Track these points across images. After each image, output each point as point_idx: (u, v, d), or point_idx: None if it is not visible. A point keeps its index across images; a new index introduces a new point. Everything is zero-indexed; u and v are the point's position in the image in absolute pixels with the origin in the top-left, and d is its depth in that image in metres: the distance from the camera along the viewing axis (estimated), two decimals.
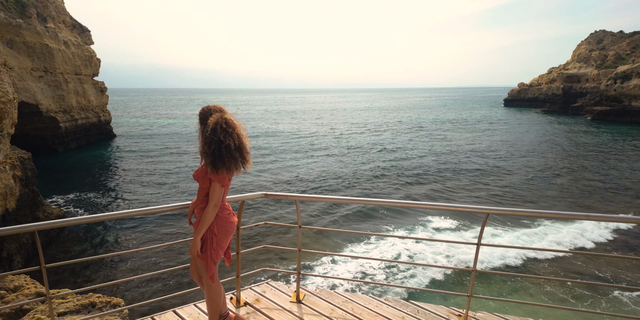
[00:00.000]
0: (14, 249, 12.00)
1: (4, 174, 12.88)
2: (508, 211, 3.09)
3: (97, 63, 38.51)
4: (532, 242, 14.00)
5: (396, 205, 3.55)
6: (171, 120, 63.59)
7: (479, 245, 3.13)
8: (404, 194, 20.35)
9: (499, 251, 12.97)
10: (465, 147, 35.26)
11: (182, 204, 3.04)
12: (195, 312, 3.37)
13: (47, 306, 4.17)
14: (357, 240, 13.93)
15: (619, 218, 3.00)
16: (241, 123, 2.80)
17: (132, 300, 9.92)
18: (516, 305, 9.48)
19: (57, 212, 15.44)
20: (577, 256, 12.59)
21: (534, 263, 12.25)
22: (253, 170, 25.65)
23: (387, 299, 3.73)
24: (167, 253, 12.91)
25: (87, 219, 2.65)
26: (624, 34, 75.73)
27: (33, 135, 29.34)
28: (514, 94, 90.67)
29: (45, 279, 2.48)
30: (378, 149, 34.54)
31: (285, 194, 3.43)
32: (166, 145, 35.95)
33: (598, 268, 11.91)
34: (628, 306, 9.87)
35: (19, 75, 26.68)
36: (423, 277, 11.40)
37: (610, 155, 30.53)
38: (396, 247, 13.41)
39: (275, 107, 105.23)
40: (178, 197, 19.84)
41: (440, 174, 24.74)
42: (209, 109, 2.78)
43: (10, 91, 13.84)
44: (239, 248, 3.42)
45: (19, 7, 28.52)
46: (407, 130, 48.27)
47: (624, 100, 54.95)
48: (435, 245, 13.42)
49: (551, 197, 19.48)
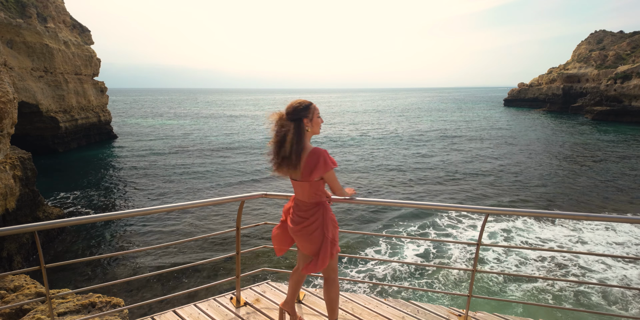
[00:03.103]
0: (14, 249, 12.00)
1: (4, 174, 12.88)
2: (508, 211, 3.09)
3: (97, 63, 38.51)
4: (532, 242, 14.00)
5: (395, 205, 3.55)
6: (171, 120, 63.60)
7: (479, 245, 3.13)
8: (404, 194, 20.35)
9: (499, 251, 12.98)
10: (464, 146, 35.26)
11: (182, 204, 3.03)
12: (195, 312, 3.36)
13: (47, 306, 4.17)
14: (356, 240, 13.94)
15: (619, 218, 3.00)
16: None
17: (132, 300, 9.91)
18: (516, 305, 9.48)
19: (57, 212, 15.44)
20: (577, 256, 12.60)
21: (533, 263, 12.24)
22: (253, 171, 25.66)
23: (387, 299, 3.73)
24: (167, 253, 12.90)
25: (87, 219, 2.64)
26: (624, 34, 75.73)
27: (33, 135, 29.32)
28: (514, 94, 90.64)
29: (45, 279, 2.48)
30: (377, 148, 34.56)
31: (285, 194, 3.42)
32: (167, 145, 35.94)
33: (598, 268, 11.91)
34: (628, 306, 9.87)
35: (19, 75, 26.67)
36: (423, 277, 11.40)
37: (611, 156, 30.52)
38: (396, 247, 13.41)
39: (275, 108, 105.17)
40: (178, 197, 19.84)
41: (440, 173, 24.73)
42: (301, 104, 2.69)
43: (10, 91, 13.84)
44: (238, 248, 3.42)
45: (19, 7, 28.51)
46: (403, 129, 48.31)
47: (624, 100, 54.94)
48: (435, 245, 13.42)
49: (551, 197, 19.48)
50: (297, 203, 2.81)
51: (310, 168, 2.60)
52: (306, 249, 2.80)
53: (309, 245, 2.76)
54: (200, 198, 19.25)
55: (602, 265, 12.03)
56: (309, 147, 2.64)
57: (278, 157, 2.65)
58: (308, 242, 2.75)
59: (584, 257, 12.54)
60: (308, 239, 2.73)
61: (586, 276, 11.46)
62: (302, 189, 2.70)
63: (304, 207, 2.75)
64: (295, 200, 2.84)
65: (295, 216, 2.80)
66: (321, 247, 2.71)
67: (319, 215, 2.73)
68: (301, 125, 2.62)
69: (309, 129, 2.66)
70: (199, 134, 45.19)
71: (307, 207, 2.74)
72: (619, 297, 10.23)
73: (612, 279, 11.28)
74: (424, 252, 13.05)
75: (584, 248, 13.46)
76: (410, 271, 11.69)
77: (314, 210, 2.73)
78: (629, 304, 9.94)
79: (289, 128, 2.61)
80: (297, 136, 2.59)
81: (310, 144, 2.68)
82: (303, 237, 2.75)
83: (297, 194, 2.80)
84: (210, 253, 12.91)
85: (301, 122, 2.63)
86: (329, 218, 2.76)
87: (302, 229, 2.73)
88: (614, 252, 13.25)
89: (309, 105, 2.67)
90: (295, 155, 2.59)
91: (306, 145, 2.64)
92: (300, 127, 2.62)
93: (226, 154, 31.23)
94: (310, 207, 2.74)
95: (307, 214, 2.73)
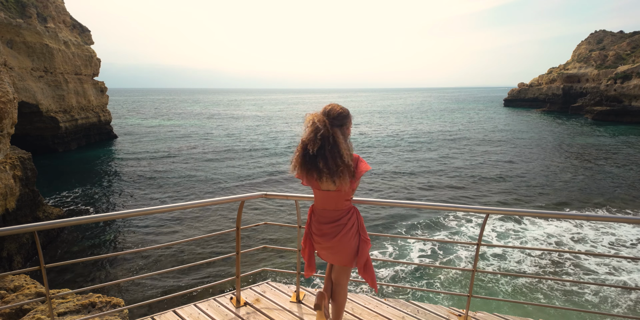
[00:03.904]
0: (14, 249, 12.00)
1: (4, 174, 12.88)
2: (508, 211, 3.09)
3: (97, 63, 38.51)
4: (532, 242, 14.00)
5: (395, 206, 3.55)
6: (171, 120, 63.61)
7: (479, 245, 3.13)
8: (403, 194, 20.35)
9: (499, 251, 12.98)
10: (464, 146, 35.26)
11: (182, 204, 3.03)
12: (195, 312, 3.36)
13: (47, 306, 4.17)
14: None
15: (619, 218, 3.00)
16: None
17: (132, 300, 9.92)
18: (516, 305, 9.48)
19: (57, 212, 15.44)
20: (577, 256, 12.60)
21: (533, 263, 12.24)
22: (253, 171, 25.66)
23: (387, 299, 3.73)
24: (167, 253, 12.90)
25: (87, 219, 2.64)
26: (624, 34, 75.72)
27: (33, 135, 29.33)
28: (514, 94, 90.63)
29: (45, 279, 2.48)
30: (376, 147, 34.57)
31: (285, 194, 3.42)
32: (167, 146, 35.94)
33: (598, 268, 11.91)
34: (628, 306, 9.87)
35: (19, 75, 26.68)
36: (423, 277, 11.40)
37: (611, 156, 30.53)
38: (396, 247, 13.42)
39: (279, 108, 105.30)
40: (178, 197, 19.84)
41: (440, 174, 24.73)
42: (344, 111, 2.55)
43: (10, 91, 13.84)
44: (238, 248, 3.42)
45: (19, 7, 28.52)
46: (402, 129, 48.32)
47: (624, 100, 54.94)
48: (435, 245, 13.42)
49: (551, 197, 19.48)
50: (326, 215, 2.65)
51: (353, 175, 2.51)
52: (342, 257, 2.69)
53: (347, 250, 2.65)
54: (200, 198, 19.26)
55: (603, 265, 12.03)
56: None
57: (320, 166, 2.43)
58: (347, 248, 2.64)
59: (584, 257, 12.54)
60: (348, 245, 2.63)
61: (586, 276, 11.46)
62: (338, 198, 2.57)
63: (339, 215, 2.63)
64: (323, 212, 2.66)
65: (328, 228, 2.64)
66: (358, 250, 2.67)
67: (355, 219, 2.67)
68: (345, 133, 2.50)
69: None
70: (199, 134, 45.19)
71: (343, 214, 2.63)
72: (619, 297, 10.23)
73: (613, 279, 11.28)
74: (424, 252, 13.05)
75: (584, 248, 13.46)
76: (410, 271, 11.69)
77: (350, 215, 2.65)
78: (629, 304, 9.94)
79: (336, 134, 2.44)
80: (345, 144, 2.45)
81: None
82: (342, 245, 2.63)
83: (327, 204, 2.62)
84: (210, 253, 12.92)
85: (345, 128, 2.52)
86: (361, 220, 2.75)
87: (341, 239, 2.61)
88: (614, 252, 13.25)
89: (349, 113, 2.56)
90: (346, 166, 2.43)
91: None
92: (344, 134, 2.49)
93: (226, 154, 31.22)
94: (344, 213, 2.63)
95: (344, 219, 2.62)
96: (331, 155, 2.40)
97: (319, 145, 2.41)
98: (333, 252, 2.69)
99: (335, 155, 2.41)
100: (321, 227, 2.66)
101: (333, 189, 2.53)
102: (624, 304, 9.95)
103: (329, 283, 2.88)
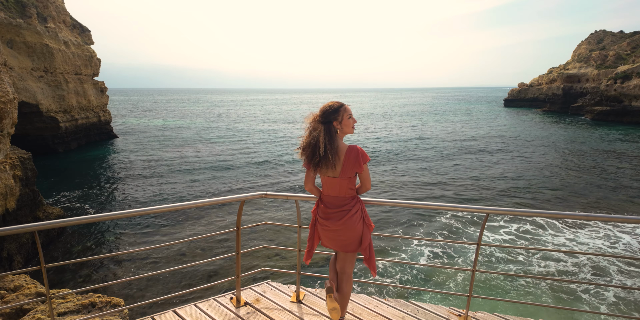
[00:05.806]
0: (14, 249, 12.00)
1: (4, 174, 12.88)
2: (508, 211, 3.09)
3: (98, 63, 38.51)
4: (532, 242, 14.00)
5: (395, 205, 3.55)
6: (171, 120, 63.62)
7: (479, 245, 3.13)
8: (403, 194, 20.35)
9: (499, 251, 12.97)
10: (463, 146, 35.26)
11: (182, 204, 3.03)
12: (195, 312, 3.36)
13: (47, 306, 4.16)
14: None
15: (619, 218, 3.00)
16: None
17: (132, 300, 9.91)
18: (516, 305, 9.48)
19: (57, 212, 15.44)
20: (577, 256, 12.60)
21: (534, 263, 12.24)
22: (253, 170, 25.66)
23: (387, 298, 3.73)
24: (167, 253, 12.90)
25: (87, 219, 2.64)
26: (624, 34, 75.68)
27: (33, 135, 29.32)
28: (514, 94, 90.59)
29: (45, 279, 2.48)
30: (376, 147, 34.56)
31: (285, 194, 3.42)
32: (167, 146, 35.95)
33: (598, 268, 11.91)
34: (628, 306, 9.87)
35: (19, 75, 26.68)
36: (423, 277, 11.40)
37: (611, 156, 30.52)
38: (396, 247, 13.41)
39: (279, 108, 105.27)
40: (178, 197, 19.84)
41: (439, 173, 24.73)
42: (331, 107, 2.89)
43: (10, 91, 13.84)
44: (238, 248, 3.42)
45: (19, 7, 28.52)
46: (401, 128, 48.30)
47: (624, 100, 54.92)
48: (435, 245, 13.42)
49: (551, 197, 19.48)
50: (331, 200, 2.93)
51: (350, 164, 2.79)
52: (347, 241, 2.92)
53: (351, 234, 2.89)
54: (201, 198, 19.25)
55: (603, 265, 12.03)
56: (344, 147, 2.81)
57: (315, 158, 2.79)
58: (352, 232, 2.88)
59: (585, 256, 12.54)
60: (353, 228, 2.88)
61: (586, 276, 11.46)
62: (341, 185, 2.86)
63: (343, 202, 2.89)
64: (328, 198, 2.94)
65: (333, 213, 2.90)
66: (362, 234, 2.92)
67: (359, 206, 2.93)
68: (331, 128, 2.80)
69: (339, 130, 2.83)
70: (199, 133, 45.19)
71: (347, 201, 2.90)
72: (618, 297, 10.23)
73: (612, 279, 11.28)
74: (424, 252, 13.04)
75: (584, 248, 13.46)
76: (410, 271, 11.68)
77: (354, 202, 2.91)
78: (629, 304, 9.94)
79: (320, 130, 2.79)
80: (328, 138, 2.77)
81: (344, 143, 2.86)
82: (347, 229, 2.88)
83: (331, 191, 2.91)
84: (210, 253, 12.91)
85: (331, 124, 2.81)
86: (365, 208, 3.01)
87: (346, 222, 2.86)
88: (614, 252, 13.25)
89: (338, 108, 2.82)
90: (331, 155, 2.75)
91: (340, 145, 2.81)
92: (330, 130, 2.80)
93: (226, 154, 31.22)
94: (349, 201, 2.90)
95: (348, 206, 2.89)
96: (323, 149, 2.76)
97: (311, 140, 2.81)
98: (339, 235, 2.92)
99: (324, 150, 2.76)
100: (327, 210, 2.93)
101: (338, 176, 2.83)
102: (624, 304, 9.95)
103: (334, 274, 3.11)
